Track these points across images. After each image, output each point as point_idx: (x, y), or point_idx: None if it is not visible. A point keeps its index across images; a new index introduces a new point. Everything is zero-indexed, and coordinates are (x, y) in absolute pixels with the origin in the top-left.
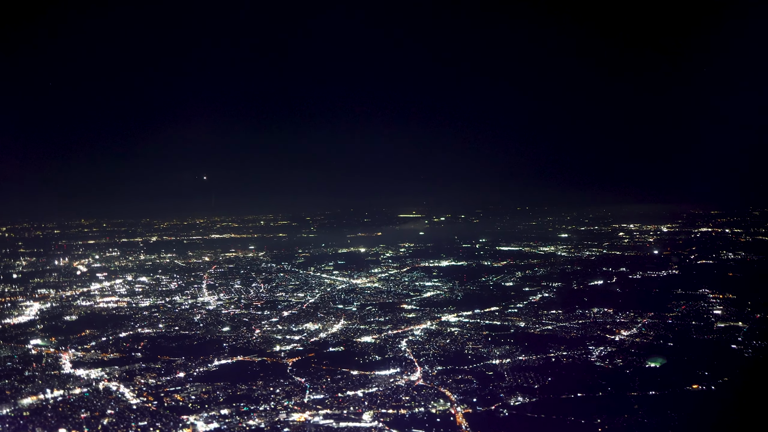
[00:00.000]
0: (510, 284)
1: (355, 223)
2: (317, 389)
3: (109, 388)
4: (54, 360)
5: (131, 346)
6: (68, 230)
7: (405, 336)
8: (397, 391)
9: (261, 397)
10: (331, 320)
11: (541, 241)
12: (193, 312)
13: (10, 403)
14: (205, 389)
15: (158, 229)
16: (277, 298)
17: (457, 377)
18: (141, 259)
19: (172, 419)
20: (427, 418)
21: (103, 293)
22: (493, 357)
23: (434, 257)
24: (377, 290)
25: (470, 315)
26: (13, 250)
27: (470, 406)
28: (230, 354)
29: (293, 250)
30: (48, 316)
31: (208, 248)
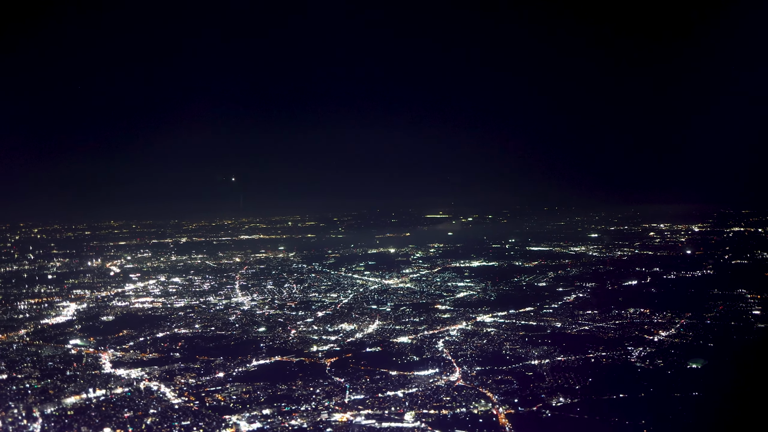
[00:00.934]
0: (543, 284)
1: (383, 224)
2: (357, 389)
3: (150, 387)
4: (94, 360)
5: (169, 346)
6: (98, 231)
7: (441, 336)
8: (437, 391)
9: (302, 397)
10: (366, 321)
11: (571, 241)
12: (228, 312)
13: (54, 402)
14: (245, 389)
15: (187, 230)
16: (311, 299)
17: (496, 378)
18: (172, 260)
19: (214, 419)
20: (470, 419)
21: (138, 294)
22: (532, 357)
23: (465, 257)
24: (410, 291)
25: (505, 315)
26: (47, 251)
27: (512, 406)
28: (268, 354)
29: (323, 250)
30: (85, 316)
31: (238, 249)
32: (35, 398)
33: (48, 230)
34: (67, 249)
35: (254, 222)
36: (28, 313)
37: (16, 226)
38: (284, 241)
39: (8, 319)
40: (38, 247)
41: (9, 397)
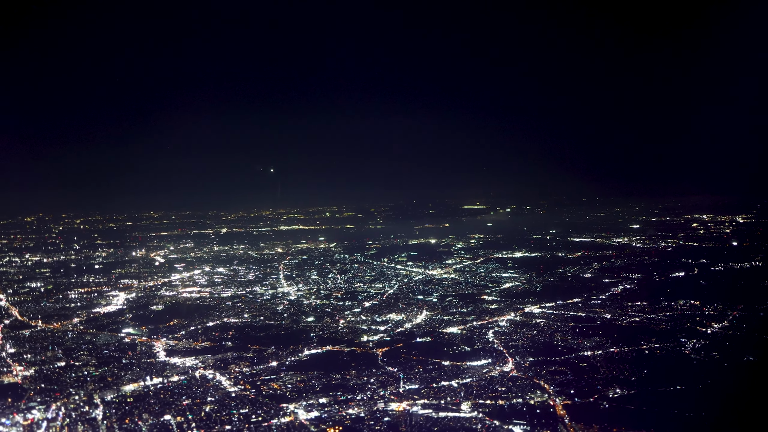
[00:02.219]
0: (589, 275)
1: (420, 215)
2: (411, 379)
3: (206, 376)
4: (148, 348)
5: (220, 335)
6: (139, 222)
7: (490, 327)
8: (491, 381)
9: (356, 387)
10: (414, 311)
11: (613, 232)
12: (275, 302)
13: (113, 389)
14: (299, 378)
15: (226, 221)
16: (356, 289)
17: (550, 368)
18: (215, 250)
19: (272, 407)
20: (527, 410)
21: (185, 283)
22: (584, 348)
23: (507, 248)
24: (455, 281)
25: (553, 306)
26: (91, 241)
27: (569, 397)
28: (319, 344)
29: (363, 241)
30: (135, 305)
31: (279, 240)
32: (95, 385)
33: (90, 221)
34: (110, 239)
35: (292, 213)
36: (80, 302)
37: (59, 217)
38: (324, 232)
39: (61, 308)
40: (82, 237)
41: (69, 384)
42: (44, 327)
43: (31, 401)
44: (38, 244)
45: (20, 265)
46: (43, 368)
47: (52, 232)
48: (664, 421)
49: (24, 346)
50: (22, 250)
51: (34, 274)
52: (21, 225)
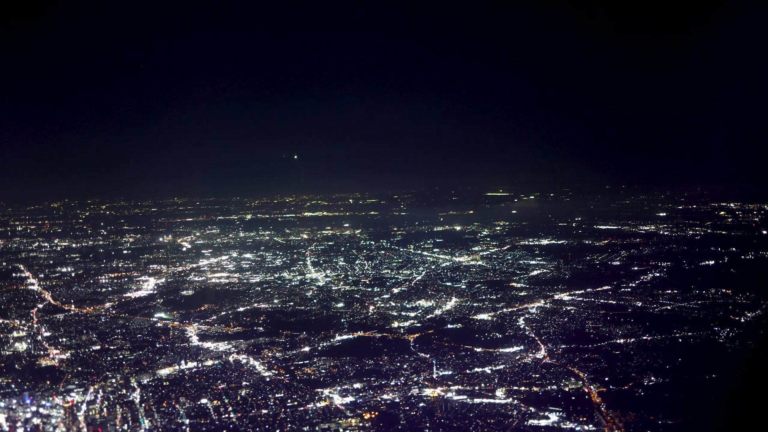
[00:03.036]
0: (617, 263)
1: (444, 202)
2: (444, 365)
3: (239, 360)
4: (181, 333)
5: (251, 320)
6: (164, 208)
7: (521, 314)
8: (525, 368)
9: (390, 372)
10: (443, 297)
11: (640, 220)
12: (304, 288)
13: (149, 373)
14: (333, 363)
15: (250, 207)
16: (384, 276)
17: (583, 356)
18: (241, 236)
19: (307, 392)
20: (561, 397)
21: (213, 269)
22: (617, 336)
23: (532, 236)
24: (482, 268)
25: (583, 294)
26: (118, 227)
27: (603, 385)
28: (350, 329)
29: (388, 227)
30: (165, 290)
31: (304, 226)
32: (130, 369)
33: (115, 207)
34: (136, 225)
35: (315, 199)
36: (111, 287)
37: (85, 203)
38: (348, 218)
39: (92, 293)
40: (109, 223)
41: (105, 368)
42: (77, 311)
43: (69, 384)
44: (66, 229)
45: (50, 250)
46: (79, 352)
47: (78, 217)
48: (700, 410)
49: (59, 330)
50: (51, 235)
51: (64, 259)
52: (48, 211)
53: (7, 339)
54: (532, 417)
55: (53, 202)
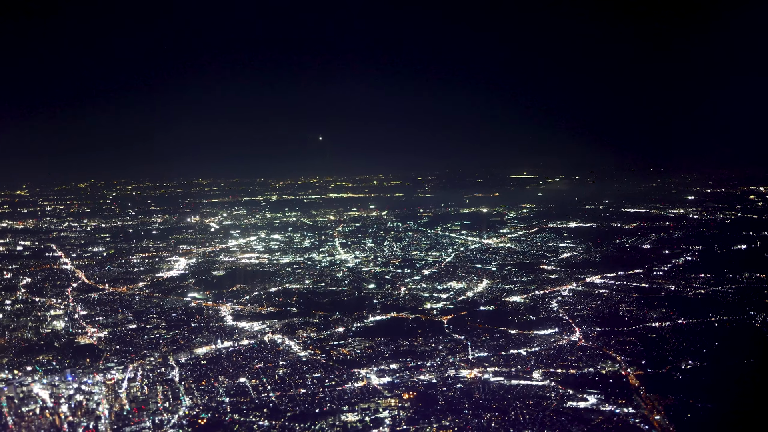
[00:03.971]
0: (647, 246)
1: (468, 184)
2: (479, 347)
3: (275, 340)
4: (215, 313)
5: (284, 300)
6: (189, 189)
7: (553, 296)
8: (560, 351)
9: (425, 353)
10: (474, 279)
11: (668, 203)
12: (334, 269)
13: (186, 351)
14: (368, 344)
15: (275, 188)
16: (413, 257)
17: (619, 339)
18: (268, 217)
19: (344, 372)
20: (599, 379)
21: (242, 249)
22: (651, 320)
23: (560, 218)
24: (511, 250)
25: (615, 277)
26: (145, 207)
27: (640, 368)
28: (383, 311)
29: (415, 209)
30: (196, 270)
31: (330, 207)
32: (168, 348)
33: (141, 187)
34: (163, 205)
35: (339, 181)
36: (143, 267)
37: (111, 184)
38: (373, 200)
39: (125, 272)
40: (136, 203)
41: (143, 346)
42: (112, 290)
43: (109, 362)
44: (94, 209)
45: (80, 230)
46: (116, 330)
47: (105, 198)
48: (738, 395)
49: (95, 309)
50: (80, 215)
51: (95, 239)
52: (75, 191)
53: (45, 317)
54: (571, 399)
55: (79, 183)
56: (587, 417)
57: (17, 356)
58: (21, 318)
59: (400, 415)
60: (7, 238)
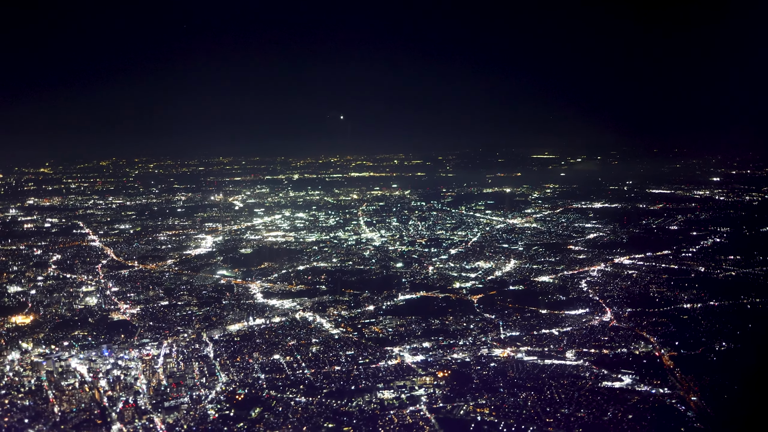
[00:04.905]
0: (675, 228)
1: (490, 164)
2: (510, 326)
3: (306, 318)
4: (245, 290)
5: (313, 279)
6: (211, 167)
7: (582, 277)
8: (592, 331)
9: (457, 332)
10: (502, 259)
11: (693, 185)
12: (360, 248)
13: (219, 328)
14: (399, 322)
15: (296, 167)
16: (439, 236)
17: (651, 320)
18: (291, 195)
19: (377, 350)
20: (633, 360)
21: (268, 228)
22: (682, 301)
23: (584, 199)
24: (537, 231)
25: (643, 258)
26: (168, 185)
27: (674, 349)
28: (412, 289)
29: (437, 189)
30: (223, 248)
31: (352, 186)
32: (201, 324)
33: (163, 165)
34: (186, 183)
35: (360, 160)
36: (170, 244)
37: (132, 162)
38: (395, 179)
39: (153, 250)
40: (159, 181)
41: (176, 323)
42: (141, 267)
43: (144, 338)
44: (118, 187)
45: (105, 207)
46: (148, 307)
47: (128, 175)
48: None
49: (126, 285)
50: (105, 193)
51: (121, 217)
52: (98, 169)
53: (77, 293)
54: (606, 379)
55: (101, 161)
56: (623, 397)
57: (53, 331)
58: (54, 294)
59: (436, 393)
60: (34, 215)
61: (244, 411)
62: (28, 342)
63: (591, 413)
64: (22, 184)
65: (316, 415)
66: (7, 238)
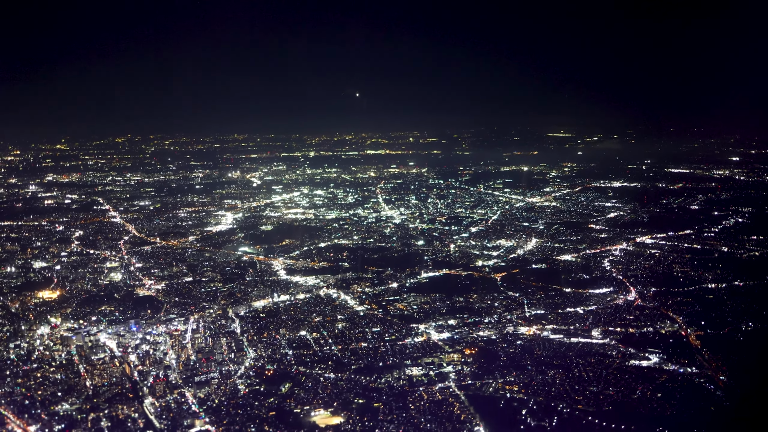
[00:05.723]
0: (696, 207)
1: (506, 142)
2: (535, 305)
3: (330, 295)
4: (267, 267)
5: (335, 256)
6: (226, 144)
7: (605, 256)
8: (617, 310)
9: (482, 310)
10: (523, 238)
11: (712, 164)
12: (381, 225)
13: (244, 304)
14: (423, 300)
15: (311, 144)
16: (459, 214)
17: (675, 299)
18: (308, 173)
19: (403, 327)
20: (659, 339)
21: (287, 205)
22: (707, 281)
23: (603, 178)
24: (557, 209)
25: (665, 237)
26: (185, 162)
27: (700, 328)
28: (435, 267)
29: (454, 167)
30: (244, 225)
31: (368, 164)
32: (226, 300)
33: (178, 142)
34: (203, 160)
35: (374, 137)
36: (190, 221)
37: (148, 139)
38: (411, 157)
39: (174, 226)
40: (175, 158)
41: (201, 298)
42: (163, 243)
43: (170, 313)
44: (135, 164)
45: (123, 184)
46: (173, 282)
47: (144, 152)
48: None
49: (149, 261)
50: (122, 169)
51: (140, 193)
52: (113, 145)
53: (101, 269)
54: (633, 358)
55: (117, 137)
56: (651, 376)
57: (80, 306)
58: (78, 269)
59: (464, 370)
60: (54, 191)
61: (274, 386)
62: (56, 317)
63: (620, 391)
64: (39, 161)
65: (346, 390)
66: (29, 213)
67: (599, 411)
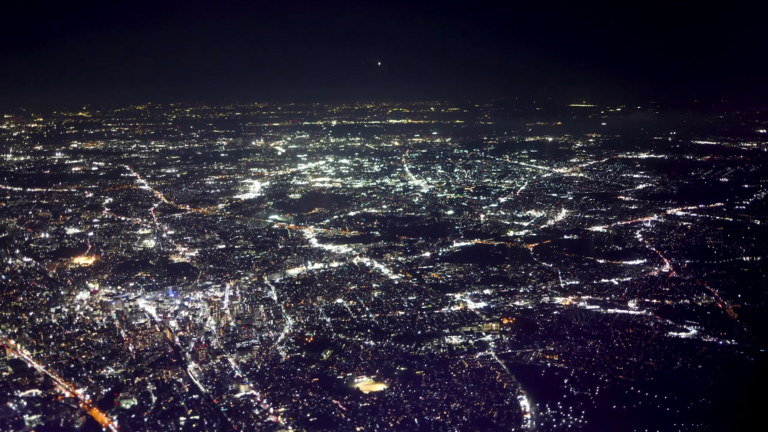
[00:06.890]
0: (725, 180)
1: (528, 112)
2: (569, 275)
3: (364, 263)
4: (299, 235)
5: (365, 225)
6: (248, 113)
7: (636, 227)
8: (653, 281)
9: (516, 280)
10: (552, 208)
11: (740, 137)
12: (409, 195)
13: (279, 272)
14: (457, 269)
15: (332, 113)
16: (486, 185)
17: (711, 272)
18: (332, 141)
19: (439, 296)
20: (696, 311)
21: (313, 174)
22: (741, 254)
23: (629, 149)
24: (585, 180)
25: (696, 210)
26: (207, 130)
27: (737, 301)
28: (466, 237)
29: (478, 137)
30: (272, 193)
31: (392, 133)
32: (260, 268)
33: (199, 110)
34: (226, 129)
35: (396, 107)
36: (218, 189)
37: (168, 107)
38: (434, 126)
39: (202, 194)
40: (198, 126)
41: (236, 266)
42: (193, 211)
43: (206, 280)
44: (158, 132)
45: (149, 151)
46: (206, 250)
47: (167, 120)
48: None
49: (181, 229)
50: (146, 137)
51: (165, 161)
52: (135, 113)
53: (134, 236)
54: (671, 329)
55: (137, 105)
56: (690, 347)
57: (116, 272)
58: (112, 236)
59: (504, 339)
60: (80, 158)
61: (315, 353)
62: (94, 282)
63: (660, 362)
64: (63, 128)
65: (387, 358)
66: (58, 180)
67: (641, 381)
